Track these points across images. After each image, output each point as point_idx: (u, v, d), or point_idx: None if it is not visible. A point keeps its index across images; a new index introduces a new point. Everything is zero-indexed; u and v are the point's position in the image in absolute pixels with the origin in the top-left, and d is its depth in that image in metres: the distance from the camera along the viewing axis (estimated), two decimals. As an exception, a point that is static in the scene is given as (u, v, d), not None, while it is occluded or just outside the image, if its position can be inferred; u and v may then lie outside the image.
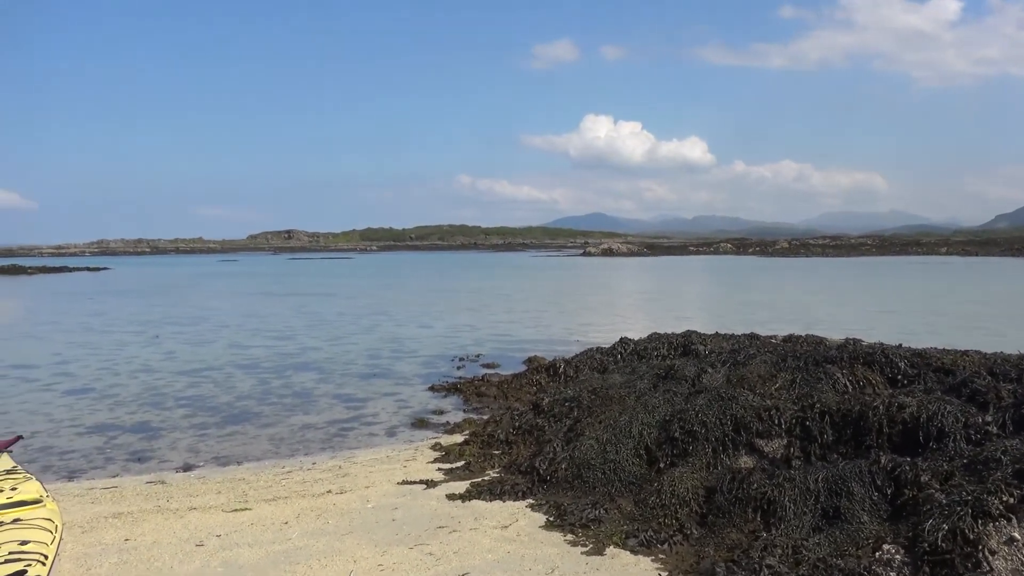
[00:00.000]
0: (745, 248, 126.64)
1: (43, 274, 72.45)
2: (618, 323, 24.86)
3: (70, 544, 6.21)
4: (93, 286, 53.39)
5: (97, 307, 35.14)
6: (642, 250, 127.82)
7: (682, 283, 53.19)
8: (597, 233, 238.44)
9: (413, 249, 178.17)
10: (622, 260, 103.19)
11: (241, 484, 8.38)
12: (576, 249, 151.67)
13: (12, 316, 32.75)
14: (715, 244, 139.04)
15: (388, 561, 5.80)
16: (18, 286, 56.26)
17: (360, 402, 13.27)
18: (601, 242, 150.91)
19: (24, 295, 46.82)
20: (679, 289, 46.67)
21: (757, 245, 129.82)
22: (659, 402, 8.31)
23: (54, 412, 12.61)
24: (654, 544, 6.00)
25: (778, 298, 36.84)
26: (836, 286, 47.18)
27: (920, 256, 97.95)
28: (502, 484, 7.70)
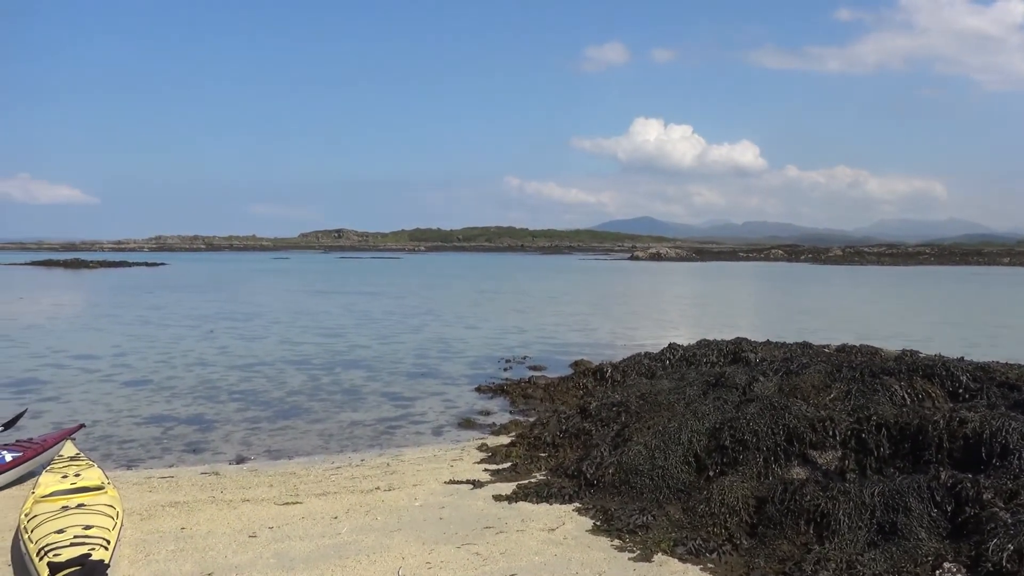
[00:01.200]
0: (797, 255, 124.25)
1: (104, 268, 74.87)
2: (665, 328, 24.66)
3: (129, 530, 6.41)
4: (151, 281, 55.00)
5: (155, 301, 36.17)
6: (691, 255, 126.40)
7: (731, 289, 52.42)
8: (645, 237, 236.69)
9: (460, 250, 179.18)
10: (670, 265, 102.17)
11: (292, 478, 8.53)
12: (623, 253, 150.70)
13: (75, 309, 33.91)
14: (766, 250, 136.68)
15: (436, 559, 5.84)
16: (80, 280, 58.27)
17: (408, 401, 13.40)
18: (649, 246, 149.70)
19: (86, 288, 48.45)
20: (728, 295, 46.00)
21: (809, 252, 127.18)
22: (709, 409, 8.20)
23: (114, 402, 13.02)
24: (703, 553, 5.93)
25: (831, 307, 36.07)
26: (892, 296, 46.00)
27: (982, 267, 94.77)
28: (549, 487, 7.69)
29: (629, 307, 35.03)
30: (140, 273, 67.45)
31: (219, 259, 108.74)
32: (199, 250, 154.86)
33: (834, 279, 65.10)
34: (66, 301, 38.29)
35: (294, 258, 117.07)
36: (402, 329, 24.81)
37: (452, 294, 44.50)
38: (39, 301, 37.21)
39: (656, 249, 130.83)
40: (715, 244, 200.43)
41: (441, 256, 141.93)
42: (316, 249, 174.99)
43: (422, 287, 51.06)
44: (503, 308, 33.98)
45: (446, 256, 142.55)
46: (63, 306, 34.94)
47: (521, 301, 38.28)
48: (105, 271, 71.43)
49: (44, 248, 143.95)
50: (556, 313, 31.15)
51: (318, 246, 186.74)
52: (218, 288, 47.36)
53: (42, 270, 73.74)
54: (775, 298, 43.75)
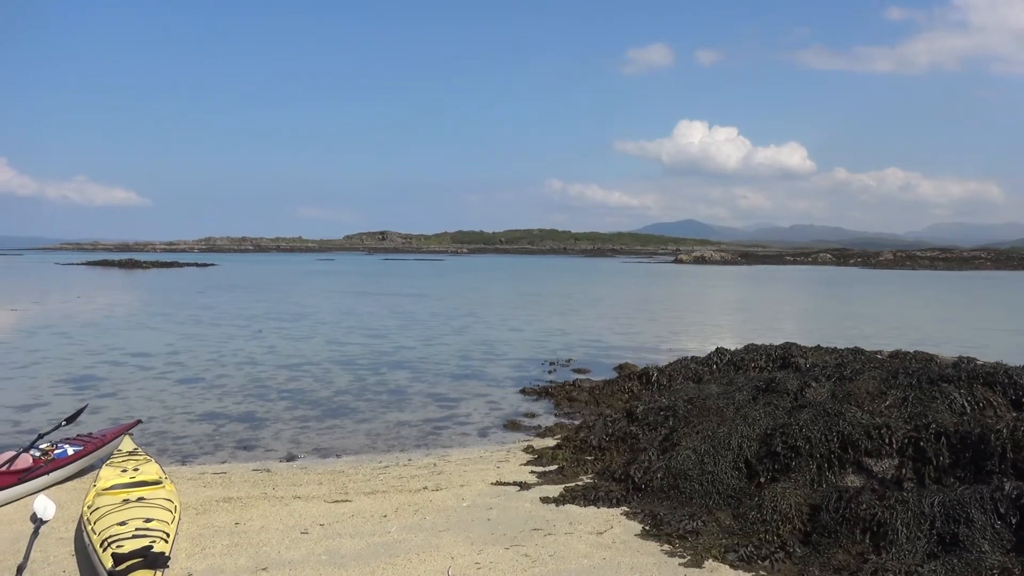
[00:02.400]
0: (846, 259, 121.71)
1: (156, 269, 76.82)
2: (711, 332, 24.35)
3: (186, 524, 6.57)
4: (201, 282, 56.25)
5: (205, 301, 37.00)
6: (736, 258, 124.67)
7: (778, 293, 51.56)
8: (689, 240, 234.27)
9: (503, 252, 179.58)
10: (715, 268, 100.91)
11: (341, 476, 8.65)
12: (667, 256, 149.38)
13: (130, 308, 34.86)
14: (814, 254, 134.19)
15: (484, 560, 5.86)
16: (134, 280, 59.88)
17: (453, 402, 13.47)
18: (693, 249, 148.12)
19: (140, 288, 49.77)
20: (775, 299, 45.26)
21: (859, 256, 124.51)
22: (760, 415, 8.08)
23: (168, 399, 13.35)
24: (755, 560, 5.84)
25: (882, 312, 35.23)
26: (946, 301, 44.76)
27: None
28: (596, 490, 7.66)
29: (673, 311, 34.69)
30: (191, 274, 69.03)
31: (266, 260, 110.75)
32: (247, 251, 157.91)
33: (885, 284, 63.60)
34: (121, 300, 39.38)
35: (339, 259, 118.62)
36: (446, 331, 24.95)
37: (495, 296, 44.62)
38: (95, 300, 38.34)
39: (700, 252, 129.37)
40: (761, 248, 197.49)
41: (483, 258, 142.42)
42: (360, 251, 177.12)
43: (465, 289, 51.29)
44: (546, 310, 33.95)
45: (488, 258, 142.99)
46: (118, 305, 35.94)
47: (564, 304, 38.19)
48: (158, 271, 73.30)
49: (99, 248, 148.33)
50: (599, 316, 31.01)
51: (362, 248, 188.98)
52: (266, 289, 48.24)
53: (98, 270, 75.99)
54: (824, 303, 42.91)
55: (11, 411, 12.27)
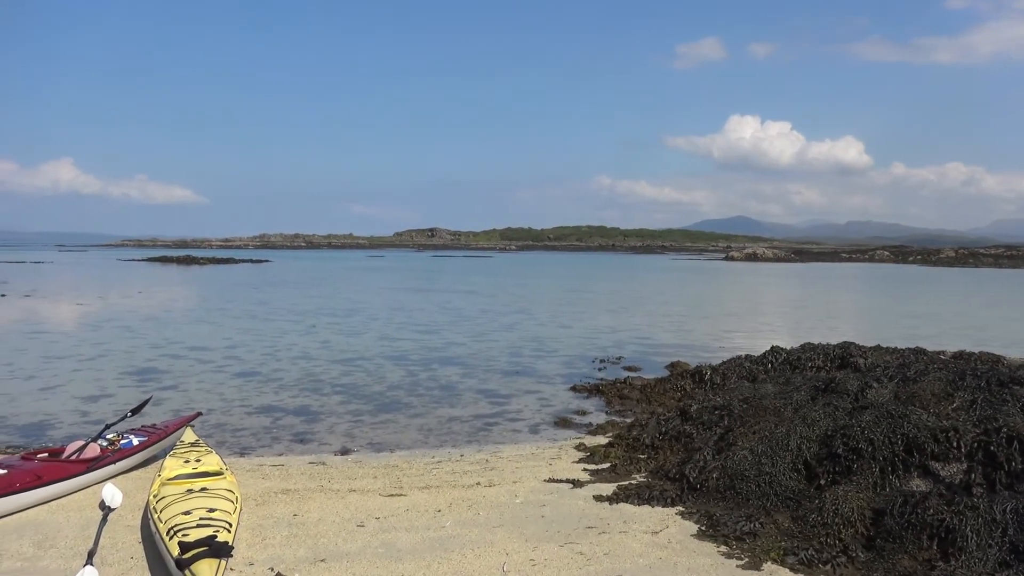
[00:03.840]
0: (905, 256, 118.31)
1: (213, 265, 78.85)
2: (764, 331, 23.93)
3: (246, 515, 6.71)
4: (256, 278, 57.51)
5: (260, 297, 37.83)
6: (789, 256, 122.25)
7: (834, 291, 50.38)
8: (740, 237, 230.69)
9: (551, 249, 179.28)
10: (767, 266, 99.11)
11: (395, 471, 8.73)
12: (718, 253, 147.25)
13: (188, 303, 35.83)
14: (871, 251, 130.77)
15: (539, 557, 5.85)
16: (192, 276, 61.52)
17: (503, 398, 13.50)
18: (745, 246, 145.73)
19: (198, 284, 51.11)
20: (831, 297, 44.23)
21: (919, 253, 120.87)
22: (819, 416, 7.89)
23: (227, 392, 13.67)
24: (816, 564, 5.71)
25: (943, 311, 34.14)
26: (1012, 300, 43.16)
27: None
28: (650, 489, 7.58)
29: (725, 308, 34.17)
30: (246, 270, 70.63)
31: (318, 257, 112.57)
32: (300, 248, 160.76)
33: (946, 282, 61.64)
34: (180, 296, 40.51)
35: (389, 256, 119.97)
36: (496, 327, 25.02)
37: (544, 293, 44.58)
38: (156, 295, 39.52)
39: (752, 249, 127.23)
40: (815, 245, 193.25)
41: (532, 255, 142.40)
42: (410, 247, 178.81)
43: (514, 286, 51.37)
44: (595, 307, 33.79)
45: (537, 255, 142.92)
46: (177, 300, 36.99)
47: (613, 301, 37.96)
48: (214, 267, 75.18)
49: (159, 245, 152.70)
50: (649, 313, 30.73)
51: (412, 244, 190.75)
52: (318, 285, 49.07)
53: (158, 266, 78.31)
54: (882, 301, 41.77)
55: (79, 402, 12.72)
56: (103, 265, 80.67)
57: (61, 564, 5.62)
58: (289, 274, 64.10)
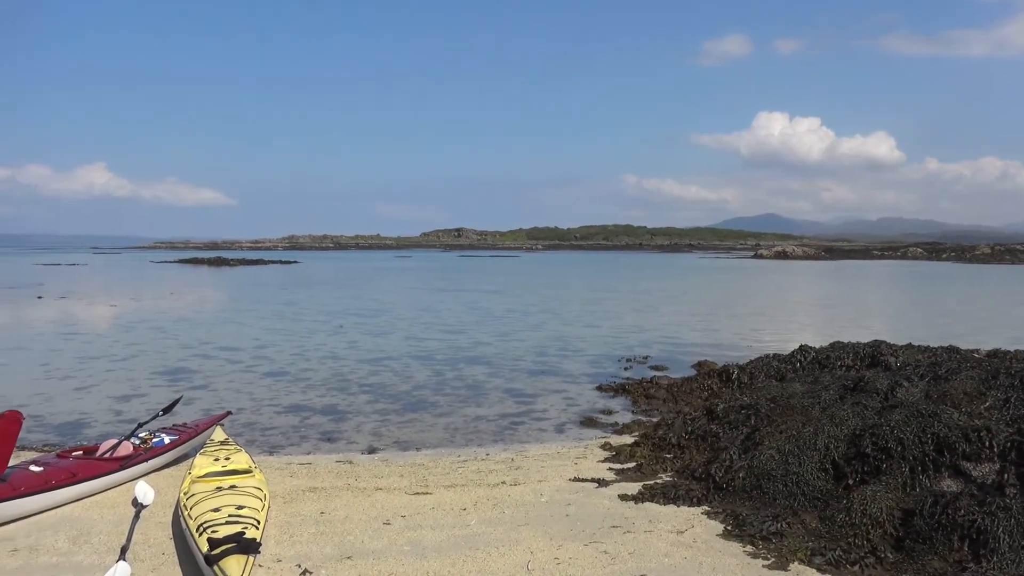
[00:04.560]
0: (938, 253, 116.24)
1: (243, 266, 79.77)
2: (793, 330, 23.68)
3: (274, 512, 6.80)
4: (285, 278, 58.10)
5: (289, 297, 38.22)
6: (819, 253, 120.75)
7: (865, 289, 49.68)
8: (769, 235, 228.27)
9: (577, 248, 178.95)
10: (797, 263, 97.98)
11: (421, 469, 8.79)
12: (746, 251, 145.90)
13: (219, 304, 36.32)
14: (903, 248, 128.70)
15: (564, 555, 5.86)
16: (223, 277, 62.33)
17: (529, 398, 13.51)
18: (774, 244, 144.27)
19: (228, 285, 51.77)
20: (862, 295, 43.62)
21: (952, 250, 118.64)
22: (848, 415, 7.80)
23: (256, 391, 13.85)
24: (843, 564, 5.65)
25: (978, 309, 33.51)
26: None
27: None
28: (676, 488, 7.56)
29: (754, 307, 33.85)
30: (275, 271, 71.39)
31: (346, 257, 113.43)
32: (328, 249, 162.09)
33: (981, 279, 60.44)
34: (211, 297, 41.07)
35: (416, 256, 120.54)
36: (522, 326, 25.05)
37: (570, 292, 44.50)
38: (187, 296, 40.11)
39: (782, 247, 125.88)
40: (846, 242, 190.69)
41: (558, 254, 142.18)
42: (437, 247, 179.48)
43: (540, 285, 51.35)
44: (622, 307, 33.66)
45: (563, 254, 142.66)
46: (208, 301, 37.51)
47: (640, 300, 37.78)
48: (244, 269, 76.10)
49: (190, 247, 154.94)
50: (676, 313, 30.56)
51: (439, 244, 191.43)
52: (346, 285, 49.46)
53: (189, 267, 79.45)
54: (915, 299, 41.11)
55: (113, 401, 12.98)
56: (136, 267, 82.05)
57: (95, 559, 5.74)
58: (317, 275, 64.69)
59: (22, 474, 6.77)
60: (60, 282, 50.97)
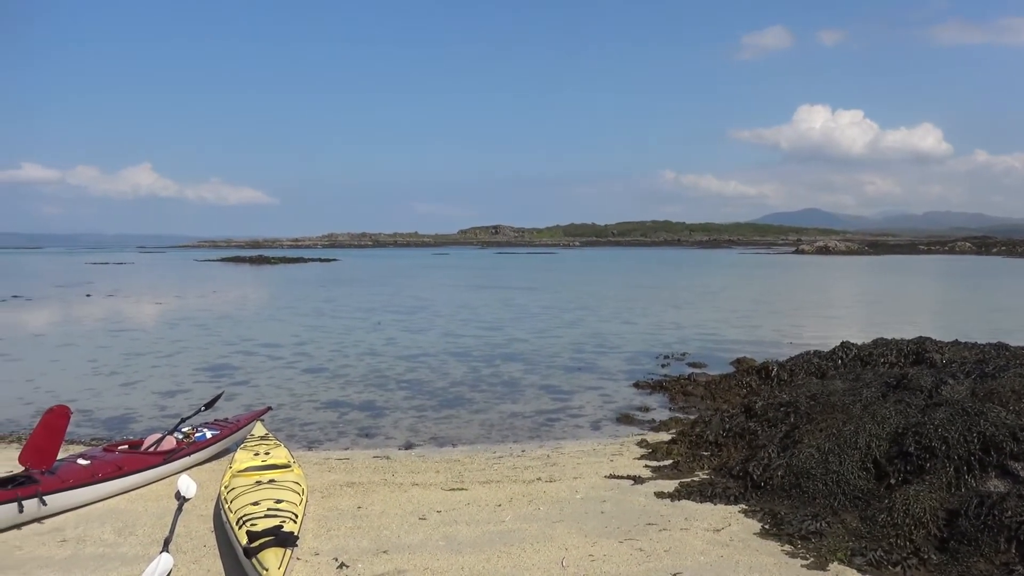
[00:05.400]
0: (988, 248, 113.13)
1: (284, 264, 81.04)
2: (835, 326, 23.24)
3: (312, 506, 6.90)
4: (324, 276, 58.86)
5: (328, 295, 38.71)
6: (863, 248, 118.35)
7: (910, 285, 48.57)
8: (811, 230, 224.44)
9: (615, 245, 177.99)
10: (839, 259, 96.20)
11: (457, 465, 8.84)
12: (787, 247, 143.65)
13: (260, 301, 36.93)
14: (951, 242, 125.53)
15: (598, 552, 5.84)
16: (264, 275, 63.37)
17: (565, 394, 13.49)
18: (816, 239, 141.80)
19: (269, 283, 52.62)
20: (907, 291, 42.66)
21: (1003, 244, 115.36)
22: (890, 413, 7.64)
23: (295, 387, 14.06)
24: (885, 565, 5.54)
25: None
26: (1105, 293, 40.80)
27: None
28: (713, 486, 7.48)
29: (794, 303, 33.33)
30: (315, 269, 72.36)
31: (384, 255, 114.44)
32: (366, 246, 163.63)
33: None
34: (252, 294, 41.78)
35: (453, 253, 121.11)
36: (558, 323, 25.01)
37: (607, 289, 44.30)
38: (229, 294, 40.88)
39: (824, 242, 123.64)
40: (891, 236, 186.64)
41: (596, 251, 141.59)
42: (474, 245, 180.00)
43: (577, 282, 51.22)
44: (659, 303, 33.41)
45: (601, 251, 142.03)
46: (249, 299, 38.17)
47: (678, 296, 37.46)
48: (284, 267, 77.28)
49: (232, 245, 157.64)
50: (715, 309, 30.22)
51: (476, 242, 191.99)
52: (384, 283, 49.91)
53: (231, 266, 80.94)
54: (962, 295, 40.06)
55: (157, 396, 13.28)
56: (180, 265, 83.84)
57: (139, 551, 5.89)
58: (356, 272, 65.40)
59: (70, 467, 6.97)
60: (108, 281, 52.33)
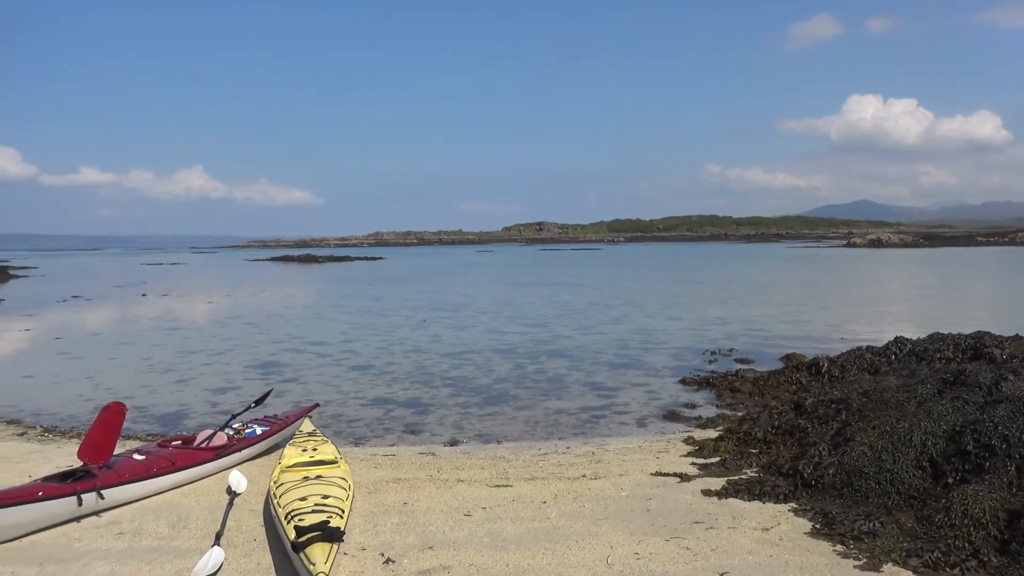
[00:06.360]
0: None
1: (331, 263, 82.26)
2: (888, 321, 22.65)
3: (359, 502, 6.98)
4: (370, 274, 59.56)
5: (374, 293, 39.15)
6: (917, 240, 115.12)
7: (968, 277, 47.08)
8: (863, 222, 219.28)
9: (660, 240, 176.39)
10: (893, 252, 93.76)
11: (501, 462, 8.85)
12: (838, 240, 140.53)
13: (308, 299, 37.54)
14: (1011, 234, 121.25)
15: (644, 550, 5.79)
16: (311, 273, 64.41)
17: (611, 391, 13.41)
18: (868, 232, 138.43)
19: (316, 281, 53.46)
20: (964, 284, 41.35)
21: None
22: (946, 410, 7.41)
23: (342, 385, 14.24)
24: (942, 567, 5.37)
25: (1096, 297, 31.24)
26: None
27: None
28: (761, 484, 7.35)
29: (845, 298, 32.56)
30: (361, 267, 73.26)
31: (429, 253, 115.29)
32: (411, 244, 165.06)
33: (1099, 265, 56.33)
34: (300, 293, 42.49)
35: (497, 251, 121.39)
36: (603, 320, 24.87)
37: (653, 285, 43.91)
38: (278, 292, 41.63)
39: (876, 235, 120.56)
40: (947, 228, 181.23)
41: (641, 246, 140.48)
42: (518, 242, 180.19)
43: (622, 278, 50.89)
44: (706, 299, 32.98)
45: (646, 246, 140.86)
46: (298, 297, 38.82)
47: (725, 291, 36.92)
48: (332, 265, 78.44)
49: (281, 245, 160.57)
50: (763, 304, 29.71)
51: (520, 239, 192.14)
52: (429, 280, 50.27)
53: (280, 265, 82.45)
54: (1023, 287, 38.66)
55: (209, 393, 13.59)
56: (231, 265, 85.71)
57: (192, 544, 6.03)
58: (401, 270, 66.01)
59: (126, 462, 7.17)
60: (162, 281, 53.75)
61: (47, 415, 12.00)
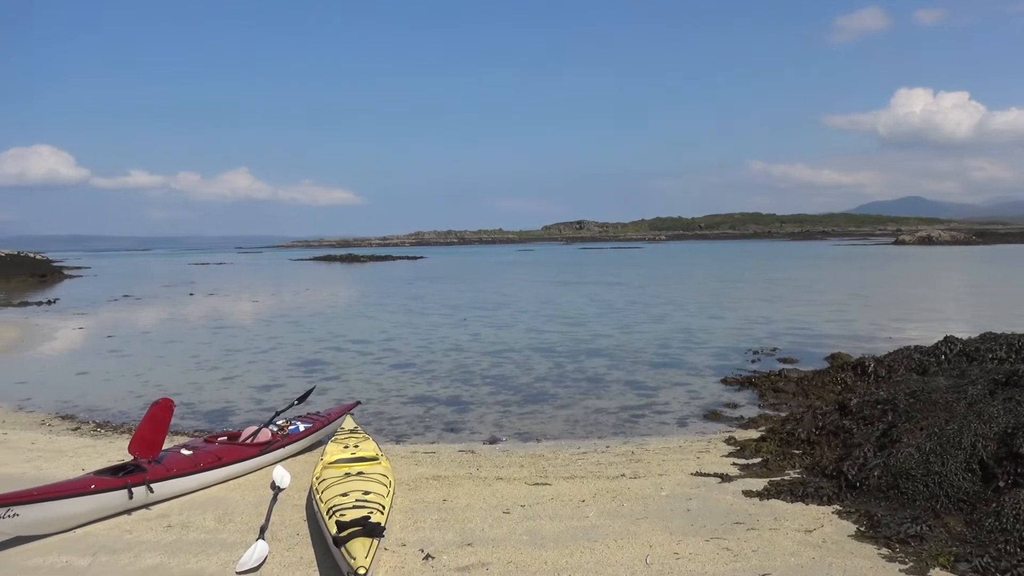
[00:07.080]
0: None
1: (373, 262, 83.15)
2: (938, 320, 22.07)
3: (399, 498, 7.06)
4: (411, 273, 60.05)
5: (415, 291, 39.47)
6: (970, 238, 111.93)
7: (1022, 276, 45.60)
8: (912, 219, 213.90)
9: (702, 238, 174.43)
10: (943, 249, 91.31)
11: (540, 460, 8.86)
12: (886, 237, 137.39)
13: (350, 298, 37.99)
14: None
15: (684, 550, 5.75)
16: (354, 273, 65.18)
17: (651, 390, 13.32)
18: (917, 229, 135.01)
19: (359, 280, 54.08)
20: (1017, 283, 40.08)
21: None
22: (998, 411, 7.20)
23: (384, 382, 14.40)
24: (992, 572, 5.23)
25: None
26: None
27: None
28: (804, 486, 7.24)
29: (893, 296, 31.84)
30: (402, 266, 73.91)
31: (469, 252, 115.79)
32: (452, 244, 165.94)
33: None
34: (343, 292, 43.03)
35: (537, 250, 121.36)
36: (644, 318, 24.71)
37: (694, 283, 43.48)
38: (321, 292, 42.25)
39: (926, 232, 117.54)
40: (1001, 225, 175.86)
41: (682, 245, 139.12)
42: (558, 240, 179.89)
43: (662, 277, 50.48)
44: (749, 297, 32.54)
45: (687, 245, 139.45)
46: (340, 296, 39.33)
47: (768, 290, 36.38)
48: (374, 264, 79.29)
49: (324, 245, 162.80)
50: (808, 303, 29.19)
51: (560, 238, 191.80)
52: (469, 279, 50.51)
53: (323, 264, 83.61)
54: (1081, 286, 37.33)
55: (254, 391, 13.86)
56: (275, 265, 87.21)
57: (238, 537, 6.16)
58: (442, 269, 66.44)
59: (174, 456, 7.37)
60: (209, 280, 54.95)
61: (99, 411, 12.37)
